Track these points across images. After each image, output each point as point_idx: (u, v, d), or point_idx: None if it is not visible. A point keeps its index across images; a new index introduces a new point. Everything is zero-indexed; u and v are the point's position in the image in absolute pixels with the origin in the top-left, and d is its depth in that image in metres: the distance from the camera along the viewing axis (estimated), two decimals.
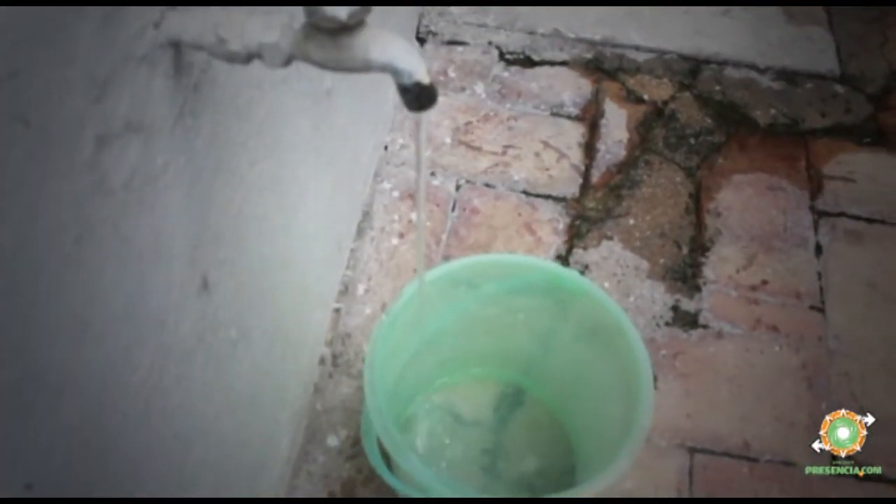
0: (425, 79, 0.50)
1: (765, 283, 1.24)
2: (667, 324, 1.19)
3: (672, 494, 1.04)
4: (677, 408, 1.11)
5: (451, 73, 1.47)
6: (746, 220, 1.32)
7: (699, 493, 1.04)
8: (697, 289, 1.23)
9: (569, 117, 1.43)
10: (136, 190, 0.52)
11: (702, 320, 1.20)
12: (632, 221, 1.30)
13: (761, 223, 1.31)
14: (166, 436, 0.64)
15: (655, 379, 1.11)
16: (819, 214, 1.33)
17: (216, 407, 0.74)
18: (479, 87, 1.45)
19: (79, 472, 0.51)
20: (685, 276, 1.24)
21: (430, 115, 1.41)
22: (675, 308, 1.21)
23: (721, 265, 1.26)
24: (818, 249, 1.29)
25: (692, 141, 1.42)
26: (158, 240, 0.57)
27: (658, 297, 1.21)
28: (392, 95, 1.28)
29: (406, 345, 0.94)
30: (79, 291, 0.47)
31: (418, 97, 0.51)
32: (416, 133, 0.58)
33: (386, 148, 1.34)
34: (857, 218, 1.33)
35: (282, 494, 1.00)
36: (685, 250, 1.27)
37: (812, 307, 1.22)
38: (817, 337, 1.19)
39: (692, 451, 1.08)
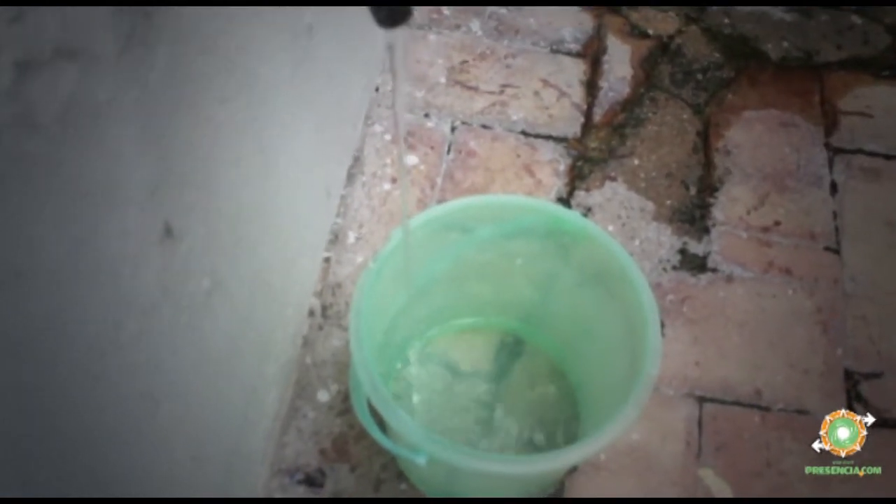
0: None
1: (777, 223, 1.19)
2: (674, 268, 1.14)
3: (681, 446, 0.99)
4: (685, 355, 1.06)
5: (445, 11, 1.40)
6: (758, 158, 1.25)
7: (709, 445, 1.00)
8: (706, 231, 1.17)
9: (569, 54, 1.36)
10: (73, 125, 0.47)
11: (711, 264, 1.14)
12: (636, 161, 1.24)
13: (773, 161, 1.25)
14: (129, 394, 0.59)
15: (662, 325, 1.07)
16: (834, 151, 1.27)
17: (189, 362, 0.69)
18: (475, 25, 1.38)
19: (26, 431, 0.46)
20: (693, 217, 1.18)
21: (418, 51, 1.34)
22: (682, 251, 1.15)
23: (731, 206, 1.20)
24: (833, 188, 1.23)
25: (700, 77, 1.35)
26: (108, 181, 0.52)
27: (665, 239, 1.16)
28: (381, 33, 1.22)
29: (396, 293, 0.89)
30: (6, 237, 0.42)
31: (390, 12, 0.46)
32: (391, 58, 0.53)
33: (377, 89, 1.28)
34: (875, 154, 1.27)
35: (270, 450, 0.96)
36: (693, 191, 1.21)
37: (827, 248, 1.16)
38: (832, 279, 1.13)
39: (701, 400, 1.03)
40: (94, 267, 0.52)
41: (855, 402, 1.04)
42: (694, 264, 1.14)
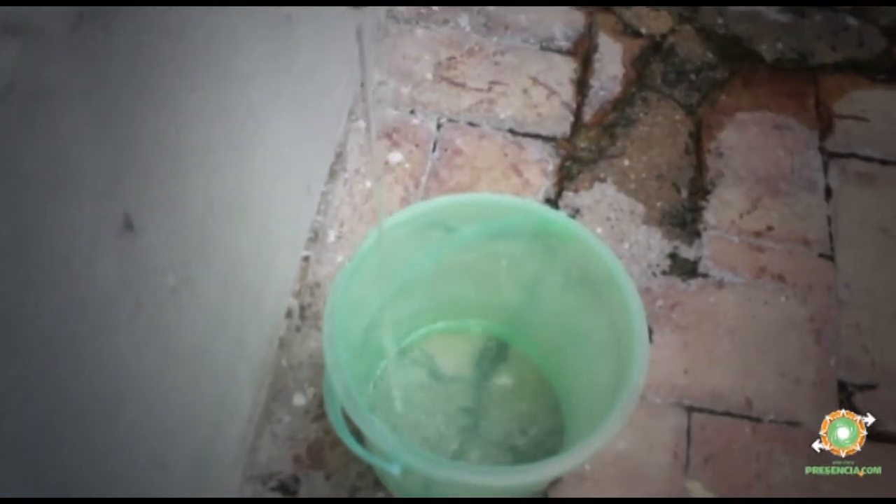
0: None
1: (770, 228, 1.15)
2: (664, 272, 1.10)
3: (668, 457, 0.96)
4: (674, 363, 1.03)
5: (434, 6, 1.36)
6: (751, 160, 1.22)
7: (697, 456, 0.96)
8: (697, 235, 1.14)
9: (560, 51, 1.33)
10: (18, 104, 0.43)
11: (701, 269, 1.11)
12: (627, 162, 1.20)
13: (766, 164, 1.22)
14: (85, 396, 0.56)
15: (651, 332, 1.04)
16: (829, 155, 1.24)
17: (152, 362, 0.66)
18: (464, 20, 1.35)
19: None
20: (684, 220, 1.15)
21: (404, 46, 1.30)
22: (672, 255, 1.12)
23: (723, 209, 1.17)
24: (828, 193, 1.20)
25: (692, 77, 1.32)
26: (58, 167, 0.48)
27: (655, 243, 1.13)
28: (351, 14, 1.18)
29: (374, 294, 0.85)
30: None
31: None
32: (359, 42, 0.49)
33: (362, 84, 1.24)
34: (870, 159, 1.24)
35: (243, 455, 0.93)
36: (684, 193, 1.18)
37: (821, 255, 1.13)
38: (826, 286, 1.10)
39: (690, 409, 1.00)
40: (43, 258, 0.48)
41: None
42: (684, 269, 1.11)
